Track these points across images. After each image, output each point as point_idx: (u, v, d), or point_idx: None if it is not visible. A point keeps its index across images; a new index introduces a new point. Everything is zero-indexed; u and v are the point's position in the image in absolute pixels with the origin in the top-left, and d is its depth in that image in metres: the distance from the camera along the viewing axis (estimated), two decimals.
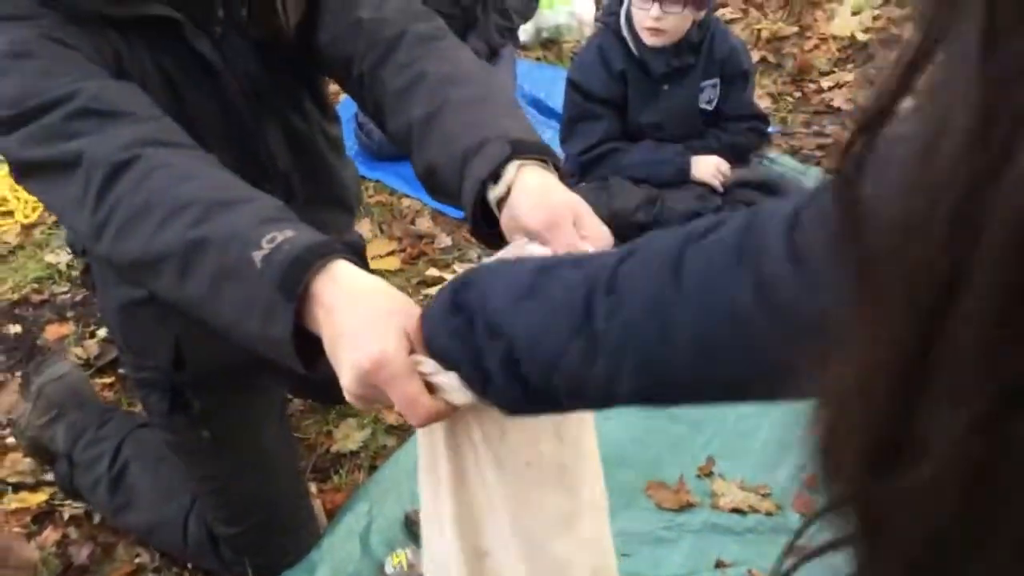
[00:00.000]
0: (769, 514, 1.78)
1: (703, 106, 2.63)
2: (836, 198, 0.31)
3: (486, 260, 0.82)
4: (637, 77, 2.56)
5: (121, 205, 0.89)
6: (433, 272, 2.51)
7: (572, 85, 2.62)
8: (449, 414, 0.75)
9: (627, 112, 2.61)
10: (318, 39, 1.15)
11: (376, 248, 2.55)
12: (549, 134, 3.10)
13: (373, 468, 1.93)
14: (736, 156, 2.63)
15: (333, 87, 1.44)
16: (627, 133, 2.63)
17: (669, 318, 0.61)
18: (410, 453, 1.83)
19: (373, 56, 1.08)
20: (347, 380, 0.74)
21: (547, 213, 0.82)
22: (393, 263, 2.54)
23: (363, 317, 0.74)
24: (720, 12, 3.80)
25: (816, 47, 3.63)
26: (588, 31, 3.61)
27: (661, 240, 0.65)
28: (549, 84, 3.33)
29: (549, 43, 3.74)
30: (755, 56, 3.56)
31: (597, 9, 3.59)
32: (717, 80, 2.61)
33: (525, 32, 3.55)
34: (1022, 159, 0.24)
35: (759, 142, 2.73)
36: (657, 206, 2.53)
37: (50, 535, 1.83)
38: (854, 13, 3.68)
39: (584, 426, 0.87)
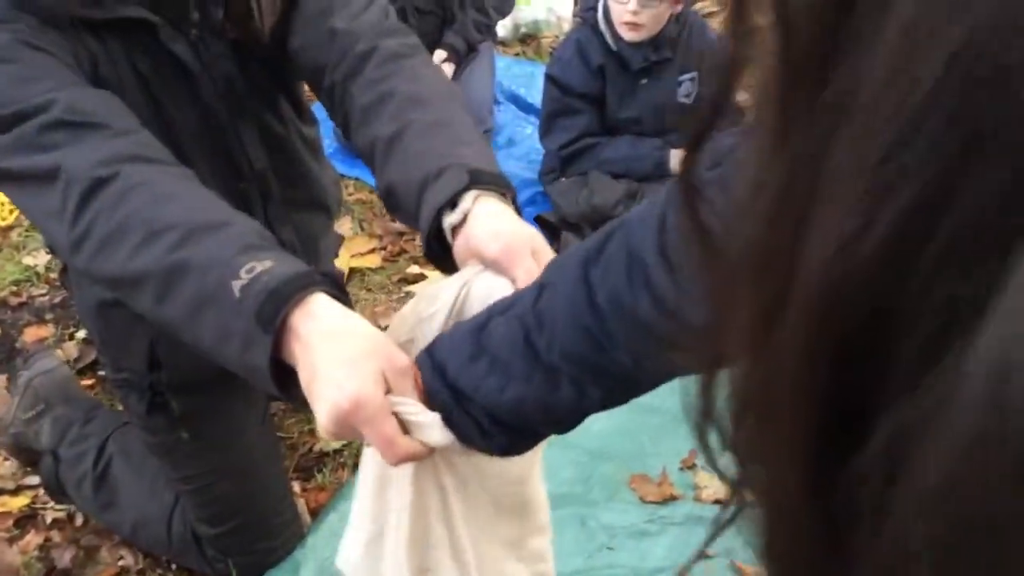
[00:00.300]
0: None
1: (682, 100, 2.64)
2: (681, 209, 0.32)
3: (432, 287, 0.84)
4: (615, 71, 2.57)
5: (99, 222, 0.89)
6: (414, 269, 2.51)
7: (550, 80, 2.63)
8: (425, 455, 0.76)
9: (606, 107, 2.62)
10: (292, 44, 1.15)
11: (357, 246, 2.55)
12: (529, 130, 3.10)
13: (357, 466, 1.92)
14: None
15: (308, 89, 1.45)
16: (606, 128, 2.64)
17: (599, 336, 0.65)
18: None
19: (344, 69, 1.09)
20: (323, 419, 0.75)
21: (506, 242, 0.84)
22: (374, 261, 2.53)
23: (341, 357, 0.75)
24: (698, 6, 3.81)
25: None
26: (567, 27, 3.61)
27: (564, 267, 0.69)
28: (528, 79, 3.34)
29: (528, 38, 3.75)
30: None
31: (575, 4, 3.59)
32: (696, 74, 2.62)
33: (503, 27, 3.55)
34: (816, 233, 0.24)
35: None
36: (637, 200, 2.54)
37: (32, 539, 1.82)
38: None
39: (537, 455, 0.89)
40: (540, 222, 2.64)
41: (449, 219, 0.88)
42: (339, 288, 0.82)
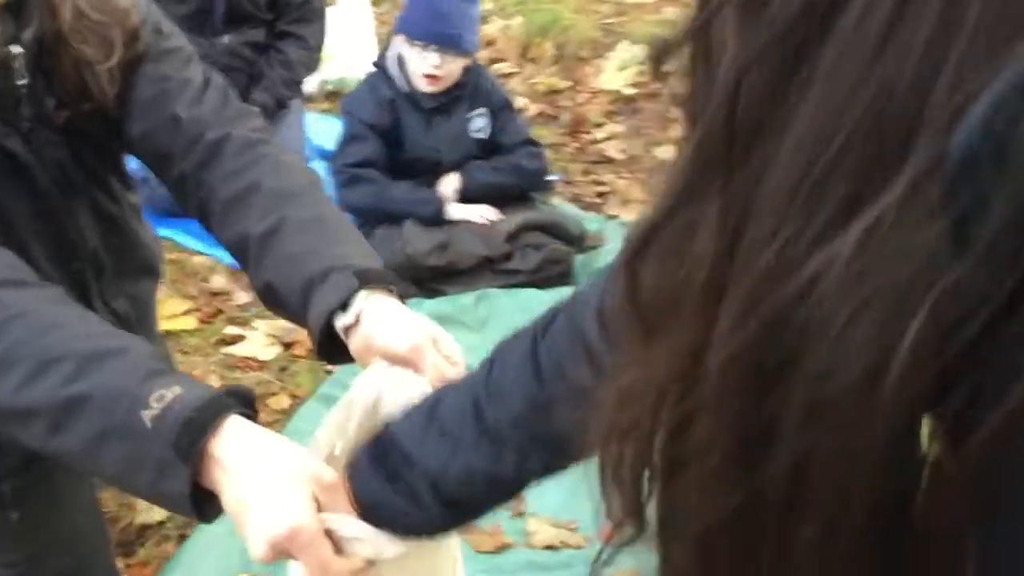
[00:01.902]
0: (579, 548, 1.87)
1: (475, 135, 2.83)
2: (624, 285, 0.40)
3: (344, 396, 0.87)
4: (407, 108, 2.75)
5: None
6: (233, 330, 2.46)
7: (345, 113, 2.82)
8: (362, 572, 0.78)
9: (402, 143, 2.77)
10: (132, 131, 1.14)
11: (170, 308, 2.47)
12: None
13: (183, 537, 1.87)
14: (524, 181, 2.86)
15: None
16: (406, 161, 2.78)
17: (544, 405, 0.72)
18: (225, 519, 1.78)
19: (195, 159, 1.09)
20: (259, 549, 0.75)
21: (410, 339, 0.88)
22: (189, 323, 2.47)
23: (270, 485, 0.76)
24: (497, 66, 3.98)
25: (588, 100, 3.86)
26: None
27: (516, 344, 0.77)
28: (335, 135, 3.35)
29: (333, 95, 3.77)
30: (534, 109, 3.74)
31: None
32: (485, 110, 2.83)
33: (309, 84, 3.56)
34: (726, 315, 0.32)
35: (542, 168, 2.93)
36: (449, 250, 2.62)
37: None
38: (620, 69, 3.95)
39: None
40: None
41: (342, 321, 0.91)
42: (250, 406, 0.84)
